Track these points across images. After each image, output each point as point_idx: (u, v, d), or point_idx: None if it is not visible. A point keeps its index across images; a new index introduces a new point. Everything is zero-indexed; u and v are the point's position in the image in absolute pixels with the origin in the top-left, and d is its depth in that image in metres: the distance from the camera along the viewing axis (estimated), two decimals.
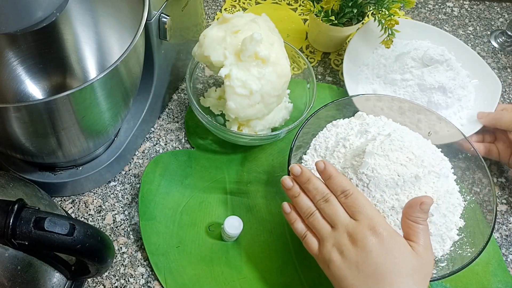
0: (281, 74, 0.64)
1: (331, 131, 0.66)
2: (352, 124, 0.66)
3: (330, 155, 0.62)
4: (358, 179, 0.57)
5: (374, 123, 0.65)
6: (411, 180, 0.57)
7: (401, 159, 0.57)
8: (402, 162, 0.57)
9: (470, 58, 0.81)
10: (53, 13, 0.46)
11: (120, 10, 0.63)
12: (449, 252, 0.59)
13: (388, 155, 0.57)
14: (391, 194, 0.56)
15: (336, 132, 0.65)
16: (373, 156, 0.57)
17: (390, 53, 0.81)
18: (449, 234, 0.60)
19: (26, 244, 0.40)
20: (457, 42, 0.82)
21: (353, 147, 0.61)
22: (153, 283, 0.61)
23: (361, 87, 0.78)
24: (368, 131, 0.62)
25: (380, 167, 0.56)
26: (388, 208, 0.56)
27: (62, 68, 0.71)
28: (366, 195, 0.56)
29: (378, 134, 0.61)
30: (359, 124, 0.66)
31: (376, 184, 0.56)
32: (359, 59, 0.81)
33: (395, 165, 0.57)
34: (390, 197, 0.56)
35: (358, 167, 0.57)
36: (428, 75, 0.74)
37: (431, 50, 0.76)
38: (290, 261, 0.64)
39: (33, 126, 0.50)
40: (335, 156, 0.61)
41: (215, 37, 0.63)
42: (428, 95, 0.74)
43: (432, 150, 0.64)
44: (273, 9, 0.91)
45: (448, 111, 0.76)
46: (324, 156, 0.63)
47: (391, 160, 0.57)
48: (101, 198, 0.67)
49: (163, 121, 0.75)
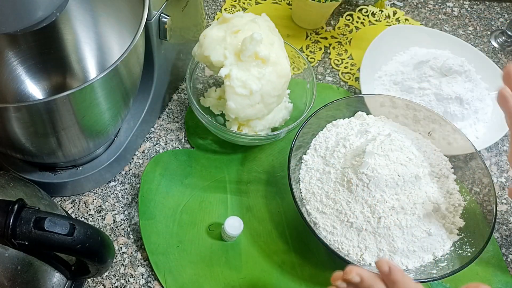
0: (281, 74, 0.64)
1: (331, 131, 0.66)
2: (352, 124, 0.66)
3: (330, 155, 0.62)
4: (358, 179, 0.57)
5: (374, 123, 0.65)
6: (411, 180, 0.57)
7: (401, 159, 0.57)
8: (402, 162, 0.57)
9: (491, 70, 0.80)
10: (53, 13, 0.46)
11: (120, 10, 0.63)
12: (449, 252, 0.59)
13: (388, 155, 0.57)
14: (391, 194, 0.56)
15: (336, 132, 0.65)
16: (373, 156, 0.57)
17: (409, 60, 0.80)
18: (449, 234, 0.60)
19: (26, 244, 0.40)
20: (478, 54, 0.82)
21: (353, 147, 0.61)
22: (153, 283, 0.61)
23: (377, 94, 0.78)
24: (368, 131, 0.62)
25: (380, 167, 0.56)
26: (388, 208, 0.56)
27: (62, 68, 0.71)
28: (366, 195, 0.56)
29: (378, 134, 0.61)
30: (359, 124, 0.66)
31: (376, 184, 0.56)
32: (377, 64, 0.80)
33: (395, 165, 0.57)
34: (390, 197, 0.56)
35: (358, 167, 0.57)
36: (445, 85, 0.74)
37: (450, 60, 0.75)
38: (290, 261, 0.64)
39: (33, 126, 0.50)
40: (335, 156, 0.61)
41: (215, 37, 0.63)
42: (445, 105, 0.74)
43: (432, 150, 0.64)
44: (273, 9, 0.91)
45: (464, 122, 0.75)
46: (324, 156, 0.63)
47: (391, 160, 0.57)
48: (101, 198, 0.67)
49: (163, 121, 0.75)
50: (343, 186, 0.59)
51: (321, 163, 0.63)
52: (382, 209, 0.56)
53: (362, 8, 0.92)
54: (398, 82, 0.78)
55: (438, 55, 0.79)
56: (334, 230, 0.59)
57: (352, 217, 0.58)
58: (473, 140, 0.74)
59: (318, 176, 0.62)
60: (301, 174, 0.64)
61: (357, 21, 0.90)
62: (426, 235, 0.58)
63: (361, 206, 0.58)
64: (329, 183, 0.61)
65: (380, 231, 0.57)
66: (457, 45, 0.83)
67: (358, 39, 0.88)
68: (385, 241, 0.57)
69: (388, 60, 0.82)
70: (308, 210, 0.61)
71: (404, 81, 0.77)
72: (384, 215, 0.56)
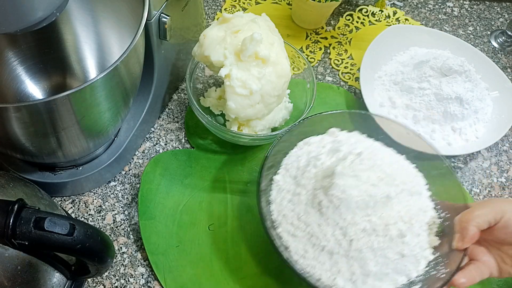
0: (281, 74, 0.64)
1: (303, 149, 0.63)
2: (324, 142, 0.63)
3: (301, 176, 0.60)
4: (329, 200, 0.55)
5: (347, 140, 0.62)
6: (383, 200, 0.55)
7: (372, 178, 0.55)
8: (373, 182, 0.55)
9: (491, 70, 0.80)
10: (53, 13, 0.46)
11: (120, 10, 0.63)
12: (423, 273, 0.56)
13: (359, 175, 0.55)
14: (362, 215, 0.54)
15: (308, 150, 0.63)
16: (343, 177, 0.55)
17: (409, 60, 0.80)
18: (423, 254, 0.57)
19: (26, 244, 0.40)
20: (478, 54, 0.82)
21: (324, 166, 0.59)
22: (153, 283, 0.61)
23: (376, 93, 0.78)
24: (340, 150, 0.60)
25: (351, 188, 0.54)
26: (359, 230, 0.54)
27: (62, 68, 0.71)
28: (337, 217, 0.54)
29: (350, 153, 0.58)
30: (331, 141, 0.63)
31: (347, 206, 0.54)
32: (377, 64, 0.80)
33: (366, 185, 0.55)
34: (362, 219, 0.54)
35: (328, 188, 0.55)
36: (445, 85, 0.74)
37: (450, 60, 0.75)
38: None
39: (33, 126, 0.50)
40: (306, 176, 0.59)
41: (215, 37, 0.63)
42: (445, 105, 0.74)
43: (405, 166, 0.62)
44: (273, 9, 0.91)
45: (464, 122, 0.75)
46: (295, 176, 0.60)
47: (361, 181, 0.55)
48: (101, 198, 0.67)
49: (163, 121, 0.75)
50: (314, 208, 0.56)
51: (292, 183, 0.60)
52: (353, 231, 0.54)
53: (362, 8, 0.92)
54: (398, 82, 0.78)
55: (438, 55, 0.79)
56: (306, 253, 0.56)
57: (324, 240, 0.55)
58: (473, 140, 0.74)
59: (289, 197, 0.59)
60: (272, 196, 0.61)
61: (357, 21, 0.90)
62: (399, 257, 0.55)
63: (333, 228, 0.55)
64: (300, 205, 0.58)
65: (352, 254, 0.54)
66: (457, 45, 0.83)
67: (358, 39, 0.88)
68: (357, 264, 0.54)
69: (388, 60, 0.82)
70: (279, 233, 0.58)
71: (404, 81, 0.77)
72: (355, 238, 0.54)
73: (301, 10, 0.85)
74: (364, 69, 0.77)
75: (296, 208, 0.58)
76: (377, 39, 0.81)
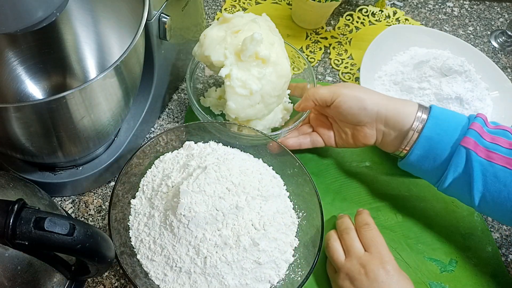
0: (281, 74, 0.64)
1: (158, 168, 0.61)
2: (178, 157, 0.61)
3: (155, 197, 0.57)
4: (178, 220, 0.53)
5: (200, 153, 0.60)
6: (233, 211, 0.53)
7: (219, 191, 0.54)
8: (220, 195, 0.54)
9: (491, 70, 0.81)
10: (53, 13, 0.46)
11: (120, 10, 0.63)
12: (284, 278, 0.56)
13: (205, 190, 0.53)
14: (212, 230, 0.53)
15: (163, 168, 0.60)
16: (188, 195, 0.53)
17: (409, 60, 0.81)
18: (284, 257, 0.56)
19: (26, 244, 0.40)
20: (478, 54, 0.82)
21: (174, 184, 0.56)
22: None
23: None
24: (189, 165, 0.57)
25: (197, 204, 0.52)
26: (211, 245, 0.53)
27: (62, 68, 0.71)
28: (188, 236, 0.53)
29: (198, 167, 0.56)
30: (186, 156, 0.61)
31: (196, 223, 0.52)
32: (377, 64, 0.81)
33: (213, 199, 0.53)
34: (212, 234, 0.53)
35: (176, 208, 0.53)
36: (445, 85, 0.74)
37: (450, 60, 0.75)
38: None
39: (33, 126, 0.50)
40: (159, 197, 0.57)
41: (216, 37, 0.63)
42: (445, 105, 0.74)
43: (261, 170, 0.61)
44: (273, 9, 0.91)
45: None
46: (150, 197, 0.58)
47: (208, 195, 0.53)
48: (101, 198, 0.67)
49: (163, 121, 0.75)
50: (167, 229, 0.55)
51: (147, 206, 0.58)
52: (206, 248, 0.53)
53: (362, 8, 0.92)
54: (398, 82, 0.78)
55: (438, 55, 0.79)
56: (166, 277, 0.55)
57: (180, 262, 0.54)
58: None
59: (145, 221, 0.57)
60: (130, 221, 0.58)
61: (357, 21, 0.90)
62: (257, 265, 0.54)
63: (186, 248, 0.54)
64: (155, 228, 0.56)
65: (208, 271, 0.53)
66: (457, 45, 0.83)
67: (358, 39, 0.88)
68: (215, 280, 0.54)
69: (388, 60, 0.82)
70: (139, 259, 0.56)
71: (404, 81, 0.77)
72: (209, 254, 0.53)
73: (301, 10, 0.85)
74: (364, 69, 0.77)
75: (151, 232, 0.56)
76: (377, 39, 0.81)
